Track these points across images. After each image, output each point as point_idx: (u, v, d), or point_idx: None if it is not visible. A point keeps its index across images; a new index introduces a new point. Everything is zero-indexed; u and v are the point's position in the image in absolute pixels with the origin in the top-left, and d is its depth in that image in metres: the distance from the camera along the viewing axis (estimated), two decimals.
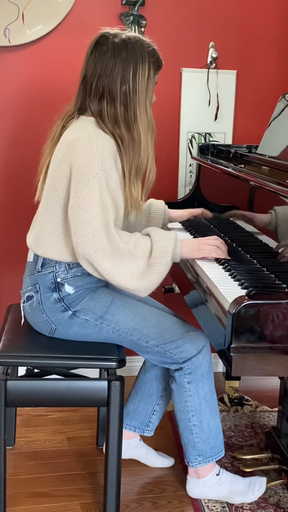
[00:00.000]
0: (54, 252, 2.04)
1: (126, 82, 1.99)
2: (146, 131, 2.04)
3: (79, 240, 1.91)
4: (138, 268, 1.94)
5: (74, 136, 1.97)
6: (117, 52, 1.98)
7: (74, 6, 2.78)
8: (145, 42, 2.03)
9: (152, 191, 2.92)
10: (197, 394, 2.08)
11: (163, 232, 2.03)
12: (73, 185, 1.93)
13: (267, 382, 3.05)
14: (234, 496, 2.15)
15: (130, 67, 1.98)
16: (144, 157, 2.05)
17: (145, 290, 1.96)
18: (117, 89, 1.99)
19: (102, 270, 1.92)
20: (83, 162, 1.91)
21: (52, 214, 2.04)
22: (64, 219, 2.01)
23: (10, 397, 1.96)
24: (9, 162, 2.88)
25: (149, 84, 2.02)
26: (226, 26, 2.96)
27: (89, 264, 1.93)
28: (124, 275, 1.92)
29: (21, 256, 2.27)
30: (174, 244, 1.99)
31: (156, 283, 1.96)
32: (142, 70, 1.99)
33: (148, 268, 1.95)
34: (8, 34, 2.73)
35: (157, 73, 2.07)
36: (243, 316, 1.59)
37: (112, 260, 1.91)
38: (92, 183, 1.89)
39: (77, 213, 1.91)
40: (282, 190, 1.88)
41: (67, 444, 2.54)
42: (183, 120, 3.00)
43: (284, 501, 2.19)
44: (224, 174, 2.44)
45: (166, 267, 1.96)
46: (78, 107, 2.06)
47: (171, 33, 2.91)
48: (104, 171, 1.90)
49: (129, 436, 2.35)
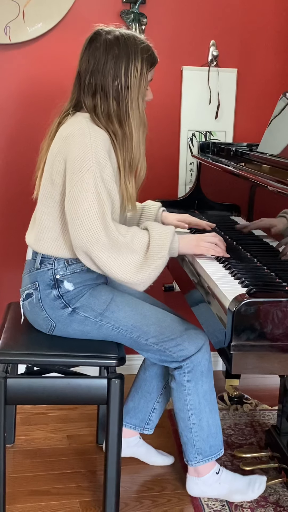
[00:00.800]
0: (52, 249, 2.04)
1: (118, 78, 1.99)
2: (138, 127, 2.03)
3: (76, 233, 1.91)
4: (135, 261, 1.94)
5: (68, 131, 1.98)
6: (109, 48, 1.99)
7: (75, 4, 2.78)
8: (139, 38, 2.03)
9: (153, 189, 2.93)
10: (197, 393, 2.08)
11: (161, 226, 2.03)
12: (68, 179, 1.94)
13: (267, 381, 3.05)
14: (234, 495, 2.15)
15: (122, 63, 1.98)
16: (136, 153, 2.04)
17: (142, 283, 1.97)
18: (109, 84, 1.99)
19: (99, 262, 1.92)
20: (77, 156, 1.92)
21: (50, 210, 2.04)
22: (62, 215, 2.02)
23: (10, 395, 1.96)
24: (9, 160, 2.88)
25: (141, 80, 2.02)
26: (227, 25, 2.96)
27: (87, 257, 1.93)
28: (121, 268, 1.92)
29: (21, 254, 2.27)
30: (171, 238, 1.99)
31: (153, 276, 1.97)
32: (134, 66, 1.99)
33: (145, 262, 1.95)
34: (9, 32, 2.73)
35: (151, 70, 2.06)
36: (243, 314, 1.58)
37: (109, 252, 1.91)
38: (86, 176, 1.90)
39: (73, 206, 1.91)
40: (283, 188, 1.87)
41: (67, 442, 2.54)
42: (183, 118, 3.00)
43: (284, 499, 2.19)
44: (225, 173, 2.44)
45: (163, 260, 1.96)
46: (74, 103, 2.08)
47: (171, 31, 2.91)
48: (98, 163, 1.91)
49: (129, 434, 2.35)
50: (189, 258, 2.17)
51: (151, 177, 2.97)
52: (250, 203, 2.24)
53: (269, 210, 2.05)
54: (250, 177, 2.14)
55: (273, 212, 1.99)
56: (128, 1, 2.81)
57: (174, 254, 2.03)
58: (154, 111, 2.87)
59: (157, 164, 2.97)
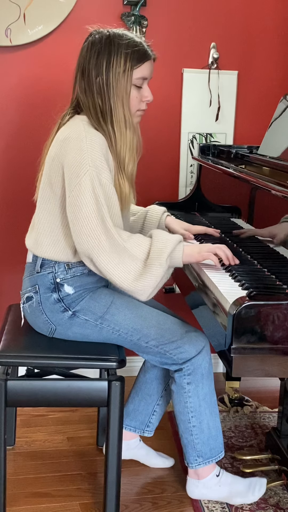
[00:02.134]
0: (52, 253, 2.04)
1: (100, 73, 1.98)
2: (123, 123, 2.00)
3: (78, 238, 1.91)
4: (135, 268, 1.91)
5: (65, 134, 1.98)
6: (93, 45, 1.99)
7: (76, 6, 2.78)
8: (127, 35, 2.00)
9: (153, 191, 2.94)
10: (197, 395, 2.08)
11: (166, 234, 1.99)
12: (67, 184, 1.94)
13: (268, 383, 3.05)
14: (234, 497, 2.15)
15: (103, 58, 1.97)
16: (121, 150, 2.00)
17: (141, 292, 1.92)
18: (93, 81, 1.99)
19: (100, 266, 1.90)
20: (74, 161, 1.91)
21: (49, 214, 2.04)
22: (61, 218, 2.01)
23: (10, 397, 1.96)
24: (9, 162, 2.88)
25: (126, 76, 1.98)
26: (228, 27, 2.96)
27: (91, 262, 1.93)
28: (121, 275, 1.90)
29: (21, 256, 2.27)
30: (173, 246, 1.94)
31: (151, 285, 1.91)
32: (116, 61, 1.97)
33: (144, 269, 1.91)
34: (10, 34, 2.73)
35: (138, 66, 1.99)
36: (243, 317, 1.58)
37: (110, 257, 1.89)
38: (83, 180, 1.89)
39: (73, 211, 1.91)
40: (283, 190, 1.87)
41: (67, 444, 2.54)
42: (184, 121, 3.00)
43: (284, 502, 2.19)
44: (225, 175, 2.44)
45: (161, 268, 1.90)
46: (74, 105, 2.08)
47: (172, 34, 2.91)
48: (94, 167, 1.90)
49: (129, 437, 2.35)
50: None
51: (151, 179, 2.98)
52: (250, 205, 2.24)
53: (269, 212, 2.05)
54: (250, 180, 2.14)
55: (273, 214, 1.99)
56: (129, 4, 2.81)
57: (177, 263, 1.96)
58: (155, 113, 2.87)
59: (157, 166, 2.98)
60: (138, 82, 2.01)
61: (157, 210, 2.34)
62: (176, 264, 1.97)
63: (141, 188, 2.19)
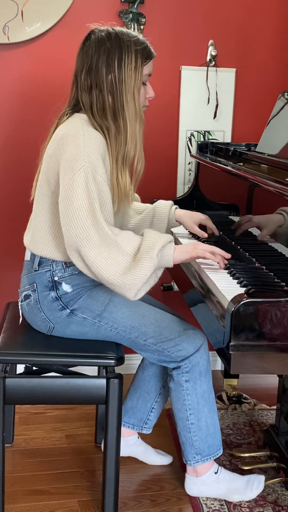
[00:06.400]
0: (50, 251, 2.04)
1: (112, 71, 1.98)
2: (134, 120, 2.02)
3: (67, 231, 1.89)
4: (124, 261, 1.88)
5: (63, 132, 1.98)
6: (101, 43, 1.99)
7: (73, 3, 2.78)
8: (131, 33, 2.03)
9: (151, 188, 2.93)
10: (195, 393, 2.08)
11: (157, 232, 1.97)
12: (61, 178, 1.93)
13: (266, 380, 3.05)
14: (232, 494, 2.15)
15: (115, 55, 1.98)
16: (131, 146, 2.02)
17: (129, 286, 1.87)
18: (104, 79, 1.99)
19: (88, 260, 1.87)
20: (70, 157, 1.91)
21: (47, 212, 2.04)
22: (58, 216, 2.00)
23: (8, 394, 1.96)
24: (7, 160, 2.88)
25: (136, 72, 2.00)
26: (226, 24, 2.96)
27: (79, 256, 1.89)
28: (109, 268, 1.86)
29: (20, 254, 2.27)
30: (163, 242, 1.91)
31: (141, 279, 1.87)
32: (127, 58, 1.99)
33: (134, 263, 1.88)
34: (7, 32, 2.73)
35: (146, 62, 2.03)
36: (242, 314, 1.59)
37: (99, 250, 1.86)
38: (77, 174, 1.89)
39: (64, 204, 1.90)
40: (281, 188, 1.88)
41: (66, 442, 2.54)
42: (182, 118, 3.00)
43: (282, 499, 2.19)
44: (223, 172, 2.44)
45: (151, 261, 1.87)
46: (73, 103, 2.07)
47: (170, 31, 2.91)
48: (90, 163, 1.90)
49: (127, 434, 2.35)
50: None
51: (149, 177, 2.97)
52: (248, 202, 2.24)
53: (268, 209, 2.05)
54: (248, 177, 2.14)
55: (271, 211, 1.99)
56: (127, 1, 2.81)
57: (167, 261, 1.93)
58: (153, 111, 2.86)
59: (155, 164, 2.97)
60: (145, 79, 2.05)
61: (165, 204, 2.34)
62: (167, 262, 1.93)
63: (139, 186, 2.18)
